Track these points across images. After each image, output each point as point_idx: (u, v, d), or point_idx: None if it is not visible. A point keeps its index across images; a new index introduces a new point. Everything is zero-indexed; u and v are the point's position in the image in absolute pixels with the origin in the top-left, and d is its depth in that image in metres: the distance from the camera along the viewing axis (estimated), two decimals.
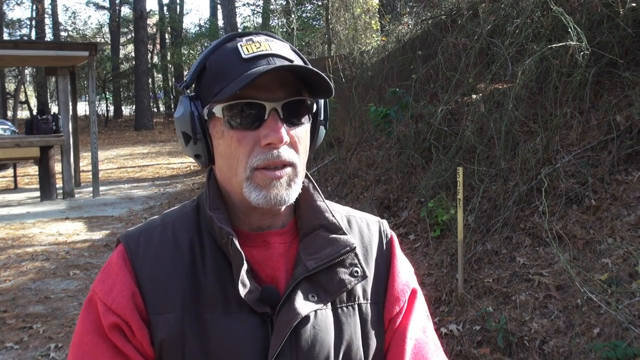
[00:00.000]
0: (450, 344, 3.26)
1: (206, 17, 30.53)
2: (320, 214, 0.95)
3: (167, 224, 0.93)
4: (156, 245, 0.90)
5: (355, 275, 0.92)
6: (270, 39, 0.90)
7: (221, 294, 0.86)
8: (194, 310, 0.85)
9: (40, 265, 5.79)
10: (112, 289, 0.86)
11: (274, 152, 0.85)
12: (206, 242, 0.90)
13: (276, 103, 0.85)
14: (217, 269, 0.88)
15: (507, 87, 4.69)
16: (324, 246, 0.91)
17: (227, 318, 0.85)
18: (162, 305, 0.86)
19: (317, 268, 0.89)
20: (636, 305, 2.87)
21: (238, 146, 0.86)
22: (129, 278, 0.87)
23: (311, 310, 0.87)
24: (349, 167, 6.68)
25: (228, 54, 0.87)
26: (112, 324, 0.84)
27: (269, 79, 0.84)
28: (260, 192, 0.85)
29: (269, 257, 0.91)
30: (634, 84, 3.98)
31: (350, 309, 0.92)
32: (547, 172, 3.85)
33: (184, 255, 0.89)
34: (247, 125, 0.85)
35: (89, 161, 11.61)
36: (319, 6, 16.57)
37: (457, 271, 3.67)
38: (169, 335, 0.84)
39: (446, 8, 6.48)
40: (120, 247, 0.91)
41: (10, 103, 27.56)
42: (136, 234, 0.92)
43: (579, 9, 4.35)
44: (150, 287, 0.86)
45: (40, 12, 25.98)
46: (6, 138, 10.56)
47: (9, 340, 3.95)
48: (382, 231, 1.02)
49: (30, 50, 10.33)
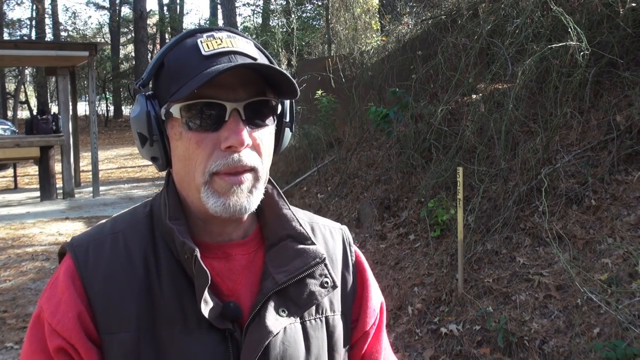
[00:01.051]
0: (450, 344, 3.26)
1: (206, 17, 30.51)
2: (287, 223, 0.90)
3: (118, 232, 0.86)
4: (107, 258, 0.83)
5: (325, 286, 0.88)
6: (233, 36, 0.84)
7: (179, 311, 0.81)
8: (150, 329, 0.80)
9: (40, 265, 5.79)
10: (58, 309, 0.80)
11: (234, 156, 0.79)
12: (161, 254, 0.83)
13: (238, 103, 0.79)
14: (174, 284, 0.82)
15: (507, 87, 4.69)
16: (293, 258, 0.87)
17: (186, 336, 0.80)
18: (115, 324, 0.80)
19: (287, 282, 0.85)
20: (636, 305, 2.87)
21: (196, 149, 0.79)
22: (76, 297, 0.80)
23: (282, 326, 0.83)
24: (349, 167, 6.68)
25: (187, 51, 0.82)
26: (57, 347, 0.78)
27: (231, 78, 0.79)
28: (219, 199, 0.80)
29: (229, 269, 0.86)
30: (634, 84, 3.98)
31: (318, 321, 0.89)
32: (547, 172, 3.85)
33: (137, 270, 0.82)
34: (206, 127, 0.79)
35: (89, 161, 11.61)
36: (319, 6, 16.57)
37: (457, 271, 3.67)
38: (123, 356, 0.79)
39: (446, 8, 6.48)
40: (68, 260, 0.84)
41: (10, 103, 27.57)
42: (84, 244, 0.85)
43: (579, 9, 4.35)
44: (101, 304, 0.80)
45: (40, 12, 25.98)
46: (6, 138, 10.57)
47: (9, 340, 3.95)
48: (345, 239, 0.99)
49: (30, 50, 10.34)
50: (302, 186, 7.27)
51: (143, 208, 0.91)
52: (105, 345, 0.80)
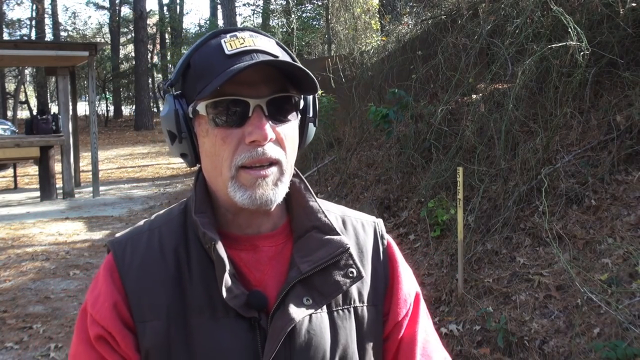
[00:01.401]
0: (450, 344, 3.26)
1: (206, 17, 30.53)
2: (313, 215, 0.93)
3: (154, 229, 0.92)
4: (142, 252, 0.89)
5: (350, 276, 0.90)
6: (255, 35, 0.87)
7: (207, 300, 0.85)
8: (180, 318, 0.84)
9: (40, 265, 5.79)
10: (97, 300, 0.87)
11: (258, 149, 0.83)
12: (192, 247, 0.88)
13: (260, 99, 0.83)
14: (203, 274, 0.86)
15: (507, 87, 4.69)
16: (318, 248, 0.89)
17: (214, 324, 0.84)
18: (147, 313, 0.85)
19: (311, 271, 0.87)
20: (636, 305, 2.87)
21: (222, 144, 0.84)
22: (112, 288, 0.86)
23: (305, 314, 0.85)
24: (349, 167, 6.68)
25: (211, 51, 0.86)
26: (96, 335, 0.84)
27: (253, 75, 0.83)
28: (245, 191, 0.84)
29: (257, 260, 0.90)
30: (634, 84, 3.98)
31: (346, 312, 0.90)
32: (547, 172, 3.85)
33: (169, 262, 0.87)
34: (231, 123, 0.83)
35: (89, 161, 11.61)
36: (319, 6, 16.57)
37: (457, 271, 3.67)
38: (155, 343, 0.84)
39: (446, 8, 6.49)
40: (109, 256, 0.91)
41: (10, 103, 27.56)
42: (123, 241, 0.92)
43: (579, 9, 4.35)
44: (135, 295, 0.86)
45: (40, 12, 25.97)
46: (6, 138, 10.57)
47: (9, 340, 3.95)
48: (378, 232, 1.00)
49: (30, 50, 10.33)
50: None
51: (179, 206, 0.96)
52: (139, 333, 0.85)
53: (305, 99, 0.93)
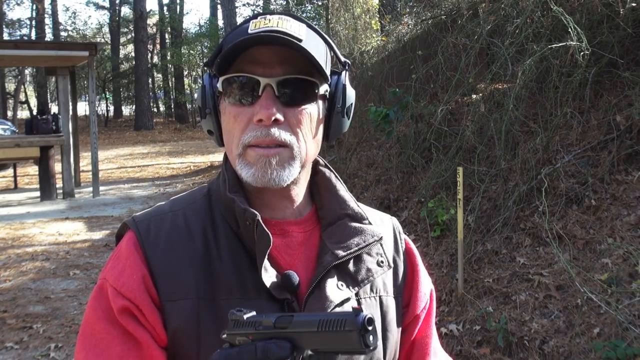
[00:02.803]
0: (450, 344, 3.26)
1: (206, 17, 30.52)
2: (345, 204, 0.94)
3: (178, 211, 0.90)
4: (167, 231, 0.87)
5: (381, 265, 0.92)
6: (285, 18, 0.86)
7: (238, 281, 0.84)
8: (209, 297, 0.83)
9: (40, 265, 5.79)
10: (123, 273, 0.83)
11: (264, 130, 0.82)
12: (220, 228, 0.87)
13: (272, 79, 0.82)
14: (233, 255, 0.85)
15: (507, 87, 4.69)
16: (352, 235, 0.90)
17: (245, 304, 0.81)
18: (175, 292, 0.82)
19: (347, 256, 0.87)
20: (636, 305, 2.87)
21: (234, 122, 0.84)
22: (140, 261, 0.84)
23: (342, 298, 0.85)
24: (349, 167, 6.68)
25: (238, 32, 0.86)
26: (122, 307, 0.80)
27: (270, 55, 0.83)
28: (250, 169, 0.83)
29: (287, 244, 0.89)
30: (634, 84, 3.98)
31: (374, 300, 0.91)
32: (547, 172, 3.85)
33: (196, 241, 0.86)
34: (243, 101, 0.84)
35: (89, 161, 11.61)
36: (319, 6, 16.56)
37: (457, 271, 3.67)
38: (183, 323, 0.81)
39: (446, 8, 6.48)
40: (130, 233, 0.88)
41: (10, 103, 27.56)
42: (145, 220, 0.89)
43: (579, 9, 4.35)
44: (163, 273, 0.83)
45: (40, 12, 25.98)
46: (6, 138, 10.57)
47: (9, 340, 3.95)
48: (395, 228, 1.02)
49: (30, 50, 10.33)
50: None
51: (200, 190, 0.95)
52: (166, 312, 0.82)
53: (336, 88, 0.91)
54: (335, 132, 0.96)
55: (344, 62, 0.94)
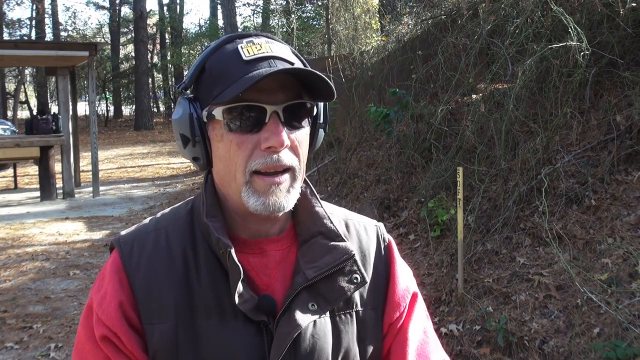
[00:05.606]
0: (450, 344, 3.26)
1: (206, 17, 30.53)
2: (319, 221, 0.93)
3: (161, 229, 0.92)
4: (149, 253, 0.88)
5: (354, 282, 0.91)
6: (271, 41, 0.88)
7: (216, 303, 0.85)
8: (188, 319, 0.85)
9: (40, 265, 5.79)
10: (104, 300, 0.86)
11: (274, 156, 0.83)
12: (200, 249, 0.88)
13: (277, 106, 0.83)
14: (212, 277, 0.87)
15: (507, 87, 4.69)
16: (323, 254, 0.90)
17: (223, 327, 0.85)
18: (155, 314, 0.85)
19: (317, 277, 0.88)
20: (636, 305, 2.87)
21: (237, 150, 0.84)
22: (119, 288, 0.86)
23: (311, 320, 0.86)
24: (349, 167, 6.68)
25: (228, 56, 0.85)
26: (102, 336, 0.84)
27: (270, 82, 0.83)
28: (259, 198, 0.84)
29: (265, 264, 0.90)
30: (634, 84, 3.98)
31: (348, 316, 0.91)
32: (547, 172, 3.85)
33: (177, 263, 0.87)
34: (247, 129, 0.84)
35: (89, 161, 11.60)
36: (319, 6, 16.56)
37: (457, 271, 3.67)
38: (162, 345, 0.84)
39: (446, 8, 6.48)
40: (115, 254, 0.90)
41: (10, 103, 27.56)
42: (130, 240, 0.91)
43: (579, 9, 4.35)
44: (143, 296, 0.86)
45: (40, 12, 25.97)
46: (6, 138, 10.56)
47: (9, 340, 3.95)
48: (380, 235, 1.01)
49: (30, 50, 10.33)
50: None
51: (185, 206, 0.96)
52: (147, 335, 0.85)
53: (317, 105, 0.93)
54: (317, 145, 0.97)
55: None
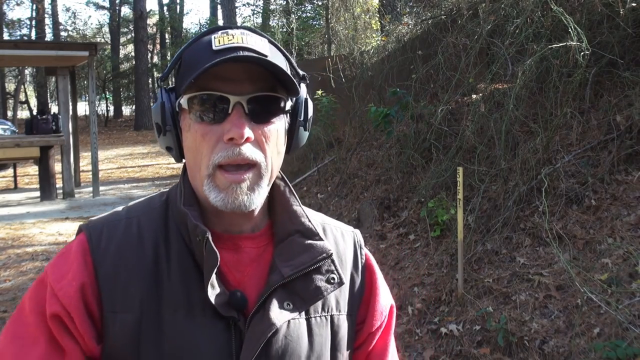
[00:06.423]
0: (450, 344, 3.26)
1: (206, 17, 30.50)
2: (296, 219, 0.91)
3: (133, 218, 0.88)
4: (119, 240, 0.85)
5: (332, 282, 0.89)
6: (247, 33, 0.85)
7: (184, 297, 0.82)
8: (153, 313, 0.81)
9: (40, 265, 5.79)
10: (64, 277, 0.82)
11: (235, 148, 0.80)
12: (173, 240, 0.86)
13: (241, 97, 0.81)
14: (182, 271, 0.83)
15: (507, 87, 4.69)
16: (300, 252, 0.88)
17: (189, 322, 0.81)
18: (118, 304, 0.81)
19: (293, 275, 0.85)
20: (636, 305, 2.87)
21: (202, 141, 0.82)
22: (84, 269, 0.82)
23: (286, 319, 0.84)
24: (349, 167, 6.68)
25: (201, 46, 0.84)
26: (53, 313, 0.79)
27: (238, 73, 0.81)
28: (219, 194, 0.82)
29: (238, 260, 0.88)
30: (634, 84, 3.98)
31: (324, 319, 0.89)
32: (547, 172, 3.85)
33: (147, 253, 0.84)
34: (211, 119, 0.82)
35: (89, 161, 11.61)
36: (319, 6, 16.56)
37: (457, 271, 3.67)
38: (123, 336, 0.80)
39: (446, 8, 6.48)
40: (82, 237, 0.86)
41: (10, 103, 27.55)
42: (99, 225, 0.87)
43: (579, 9, 4.35)
44: (108, 283, 0.82)
45: (40, 12, 25.96)
46: (6, 138, 10.56)
47: None
48: (356, 242, 1.00)
49: (30, 50, 10.32)
50: (302, 186, 7.27)
51: (159, 197, 0.93)
52: (107, 323, 0.81)
53: (297, 101, 0.90)
54: (296, 144, 0.94)
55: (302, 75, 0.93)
